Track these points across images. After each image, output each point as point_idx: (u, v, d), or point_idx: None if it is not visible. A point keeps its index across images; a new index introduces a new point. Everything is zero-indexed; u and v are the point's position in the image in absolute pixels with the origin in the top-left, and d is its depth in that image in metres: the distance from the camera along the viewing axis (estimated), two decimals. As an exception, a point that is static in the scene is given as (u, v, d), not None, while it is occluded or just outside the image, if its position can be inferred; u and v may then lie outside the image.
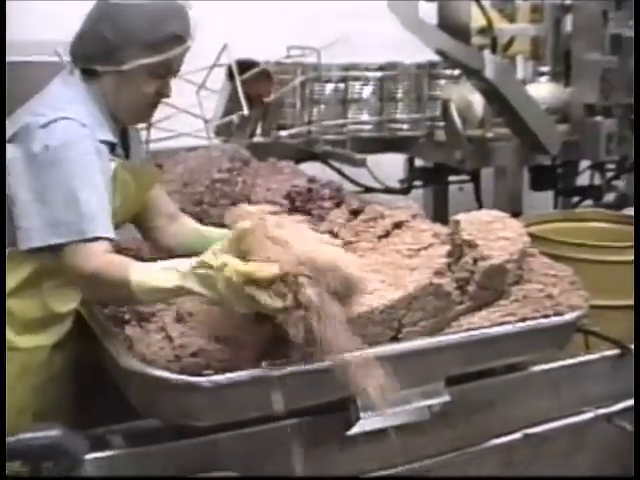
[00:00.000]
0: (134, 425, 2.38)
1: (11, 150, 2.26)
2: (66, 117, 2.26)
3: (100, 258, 2.17)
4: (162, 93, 2.44)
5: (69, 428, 2.08)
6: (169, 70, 2.42)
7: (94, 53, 2.36)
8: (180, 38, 2.36)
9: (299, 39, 4.65)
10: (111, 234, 2.23)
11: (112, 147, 2.37)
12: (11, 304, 2.31)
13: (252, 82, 4.19)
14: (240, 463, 2.19)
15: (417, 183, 5.53)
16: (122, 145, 2.48)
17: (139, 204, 2.56)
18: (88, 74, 2.39)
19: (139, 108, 2.45)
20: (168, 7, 2.37)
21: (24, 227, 2.22)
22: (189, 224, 2.72)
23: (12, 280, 2.31)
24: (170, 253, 2.65)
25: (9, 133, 2.29)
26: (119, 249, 2.36)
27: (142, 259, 2.41)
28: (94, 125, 2.32)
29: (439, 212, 5.24)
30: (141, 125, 2.93)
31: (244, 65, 4.18)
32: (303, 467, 2.25)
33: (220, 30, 4.04)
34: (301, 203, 2.99)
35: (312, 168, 4.17)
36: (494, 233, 2.45)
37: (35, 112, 2.31)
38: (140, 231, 2.73)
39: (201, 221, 2.80)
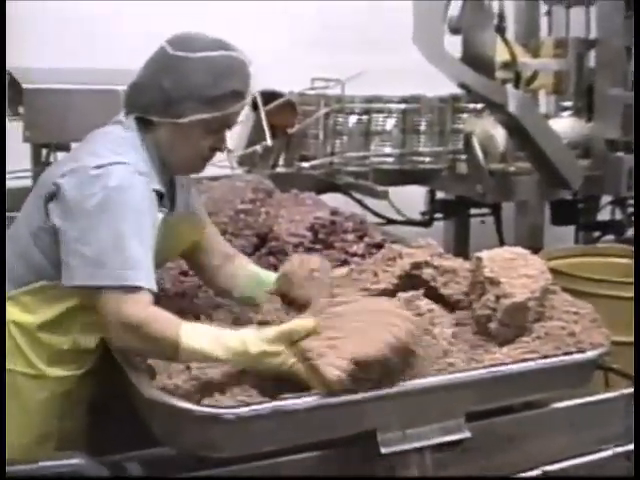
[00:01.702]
0: (151, 452, 2.38)
1: (65, 184, 2.26)
2: (124, 162, 2.27)
3: (148, 309, 2.16)
4: (216, 147, 2.45)
5: (89, 455, 2.09)
6: (225, 125, 2.43)
7: (152, 103, 2.36)
8: (240, 94, 2.37)
9: (323, 71, 4.68)
10: (153, 286, 2.22)
11: (161, 197, 2.37)
12: (43, 336, 2.33)
13: (276, 113, 4.22)
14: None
15: (438, 215, 5.55)
16: (168, 194, 2.48)
17: (177, 253, 2.58)
18: (143, 123, 2.39)
19: (192, 161, 2.46)
20: (231, 62, 2.37)
21: (69, 264, 2.22)
22: (246, 265, 2.75)
23: (47, 313, 2.33)
24: (224, 295, 2.73)
25: (66, 168, 2.30)
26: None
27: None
28: (148, 174, 2.32)
29: (460, 245, 5.26)
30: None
31: (268, 96, 4.20)
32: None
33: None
34: (324, 235, 3.01)
35: (334, 199, 4.19)
36: (516, 270, 2.45)
37: (95, 153, 2.32)
38: (194, 270, 2.76)
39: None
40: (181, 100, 2.33)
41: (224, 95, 2.34)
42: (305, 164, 4.58)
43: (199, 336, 2.14)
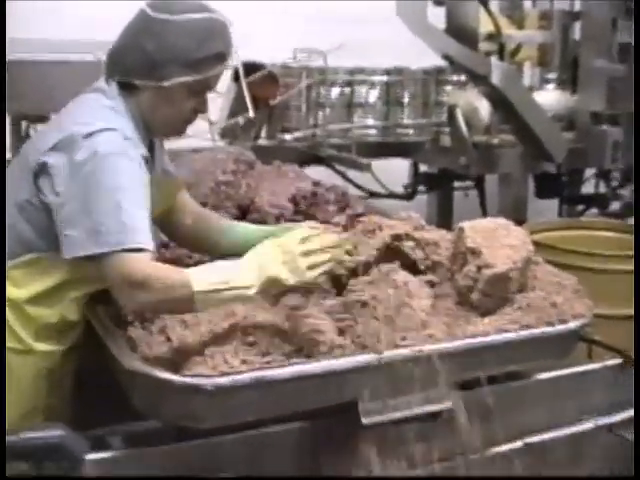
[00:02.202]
0: (135, 426, 2.37)
1: (54, 157, 2.24)
2: (110, 128, 2.25)
3: (150, 265, 2.16)
4: (198, 109, 2.44)
5: (73, 429, 2.08)
6: (207, 87, 2.42)
7: (134, 67, 2.35)
8: (223, 56, 2.36)
9: (305, 42, 4.65)
10: (152, 246, 2.22)
11: (146, 162, 2.36)
12: (31, 310, 2.32)
13: (258, 84, 4.19)
14: (241, 466, 2.18)
15: (421, 188, 5.53)
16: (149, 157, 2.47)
17: (156, 215, 2.56)
18: (125, 87, 2.38)
19: (175, 123, 2.45)
20: (213, 24, 2.36)
21: (68, 235, 2.20)
22: (219, 220, 2.75)
23: (35, 287, 2.31)
24: (204, 253, 2.74)
25: (53, 140, 2.27)
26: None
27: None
28: (134, 138, 2.32)
29: (443, 218, 5.24)
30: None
31: (250, 67, 4.17)
32: (303, 471, 2.24)
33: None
34: (305, 207, 2.99)
35: (317, 172, 4.17)
36: (498, 241, 2.44)
37: (79, 121, 2.29)
38: (166, 233, 2.74)
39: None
40: (164, 63, 2.31)
41: (207, 58, 2.33)
42: (287, 136, 4.56)
43: (207, 273, 2.17)
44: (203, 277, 2.14)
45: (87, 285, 2.37)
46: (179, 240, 2.77)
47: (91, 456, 2.07)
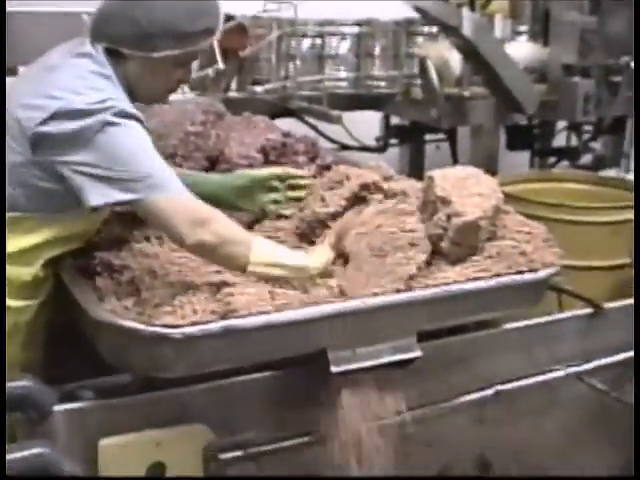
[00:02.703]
0: (107, 380, 2.36)
1: (56, 126, 2.20)
2: (111, 97, 2.24)
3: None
4: (182, 79, 2.44)
5: (47, 382, 2.07)
6: (193, 58, 2.43)
7: (123, 36, 2.32)
8: (212, 31, 2.36)
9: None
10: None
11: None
12: (8, 268, 2.29)
13: (227, 36, 4.13)
14: (211, 415, 2.18)
15: (393, 141, 5.51)
16: None
17: None
18: (111, 53, 2.35)
19: (158, 92, 2.45)
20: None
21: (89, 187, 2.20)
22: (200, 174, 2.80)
23: (14, 245, 2.28)
24: None
25: (49, 110, 2.22)
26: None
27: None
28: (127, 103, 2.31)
29: (415, 171, 5.24)
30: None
31: (220, 19, 4.13)
32: (273, 420, 2.25)
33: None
34: (275, 157, 2.96)
35: (287, 125, 4.14)
36: (468, 189, 2.43)
37: (75, 90, 2.25)
38: None
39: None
40: (155, 35, 2.29)
41: (198, 32, 2.33)
42: (258, 88, 4.51)
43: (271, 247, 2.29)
44: (265, 248, 2.25)
45: (67, 244, 2.36)
46: None
47: (59, 407, 2.07)
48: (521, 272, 2.36)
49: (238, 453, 2.18)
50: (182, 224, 2.16)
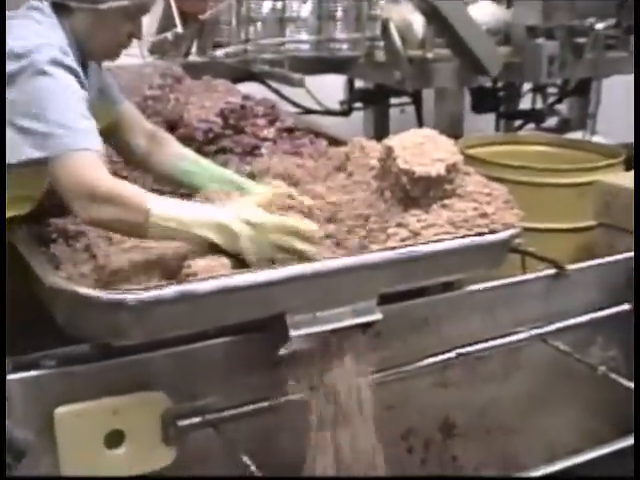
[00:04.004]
0: (68, 350, 2.32)
1: None
2: (50, 44, 2.19)
3: (109, 178, 2.11)
4: (133, 34, 2.39)
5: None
6: (143, 10, 2.37)
7: None
8: None
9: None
10: (102, 148, 2.17)
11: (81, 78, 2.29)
12: None
13: (186, -1, 4.11)
14: (168, 382, 2.15)
15: (357, 105, 5.49)
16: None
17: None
18: (59, 7, 2.30)
19: (110, 47, 2.40)
20: None
21: (12, 139, 2.14)
22: (174, 147, 2.66)
23: None
24: (158, 178, 2.69)
25: None
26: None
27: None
28: (70, 54, 2.25)
29: (380, 134, 5.19)
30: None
31: (178, -19, 4.08)
32: (233, 386, 2.23)
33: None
34: (234, 121, 2.93)
35: (250, 89, 4.09)
36: (428, 155, 2.39)
37: (17, 36, 2.21)
38: (122, 156, 2.68)
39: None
40: None
41: None
42: (219, 52, 4.47)
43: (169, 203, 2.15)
44: (165, 208, 2.11)
45: (15, 206, 2.31)
46: (127, 158, 2.70)
47: (14, 376, 2.03)
48: (482, 234, 2.33)
49: (197, 419, 2.16)
50: (78, 198, 2.09)
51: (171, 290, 1.97)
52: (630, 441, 2.34)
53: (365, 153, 2.62)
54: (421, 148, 2.42)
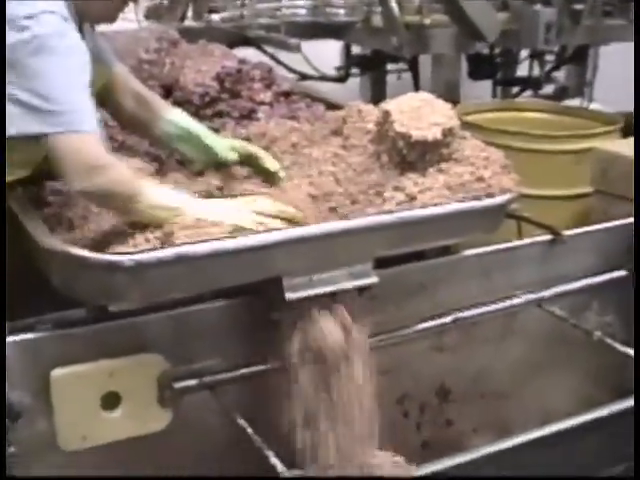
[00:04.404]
0: (64, 315, 2.31)
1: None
2: (52, 10, 2.14)
3: (108, 154, 2.11)
4: None
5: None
6: None
7: None
8: None
9: None
10: (98, 129, 2.15)
11: None
12: None
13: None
14: (165, 345, 2.16)
15: (354, 71, 5.47)
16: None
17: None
18: None
19: (105, 11, 2.37)
20: None
21: (9, 111, 2.11)
22: (161, 109, 2.62)
23: None
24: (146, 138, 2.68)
25: None
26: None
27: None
28: (70, 20, 2.21)
29: (376, 101, 5.17)
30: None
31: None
32: (229, 349, 2.24)
33: None
34: (231, 84, 2.91)
35: (246, 54, 4.07)
36: (425, 119, 2.39)
37: (18, 1, 2.17)
38: (114, 117, 2.65)
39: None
40: None
41: None
42: (215, 17, 4.44)
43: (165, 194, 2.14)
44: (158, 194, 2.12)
45: (15, 170, 2.29)
46: (121, 122, 2.68)
47: (10, 339, 2.04)
48: (478, 198, 2.32)
49: (193, 382, 2.16)
50: (75, 171, 2.07)
51: (168, 252, 1.97)
52: (625, 404, 2.34)
53: (362, 117, 2.61)
54: (418, 112, 2.41)
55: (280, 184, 2.45)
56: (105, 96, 2.53)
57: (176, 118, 2.57)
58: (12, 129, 2.12)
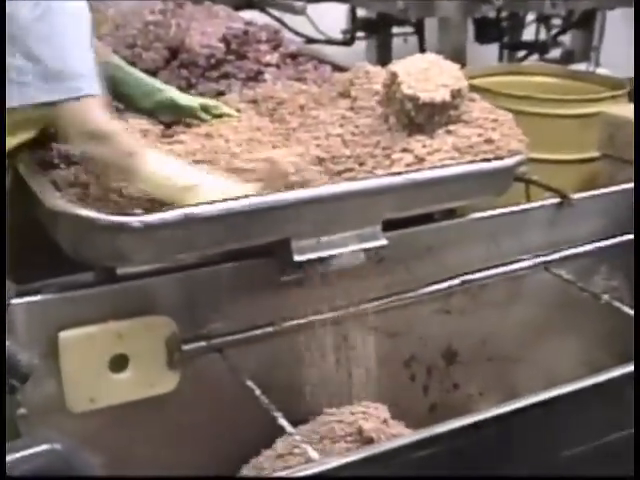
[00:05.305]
0: (72, 278, 2.30)
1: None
2: None
3: (114, 121, 2.09)
4: None
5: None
6: None
7: None
8: None
9: None
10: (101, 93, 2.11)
11: None
12: None
13: None
14: (174, 307, 2.16)
15: (360, 34, 5.44)
16: None
17: None
18: None
19: None
20: None
21: (13, 80, 2.05)
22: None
23: None
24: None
25: None
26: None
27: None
28: None
29: (382, 64, 5.14)
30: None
31: None
32: (237, 311, 2.23)
33: None
34: (237, 46, 2.88)
35: (250, 17, 4.04)
36: (433, 81, 2.36)
37: None
38: None
39: (134, 65, 2.68)
40: None
41: None
42: (219, -22, 4.40)
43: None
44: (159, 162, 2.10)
45: (21, 131, 2.27)
46: None
47: (17, 300, 2.03)
48: (487, 160, 2.31)
49: (202, 344, 2.16)
50: (79, 135, 2.06)
51: (175, 213, 1.96)
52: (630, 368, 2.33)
53: (369, 78, 2.59)
54: (426, 73, 2.39)
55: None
56: None
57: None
58: (10, 101, 2.08)
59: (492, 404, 2.30)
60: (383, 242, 2.20)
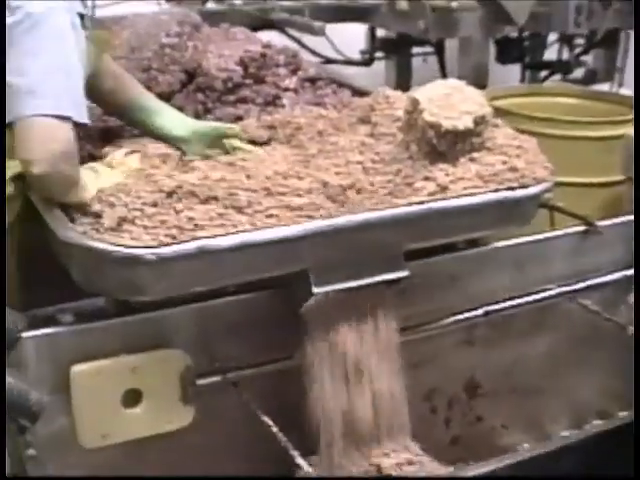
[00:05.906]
0: (84, 304, 2.25)
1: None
2: None
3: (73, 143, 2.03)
4: None
5: (21, 308, 1.99)
6: None
7: None
8: None
9: None
10: (84, 118, 2.08)
11: (80, 17, 2.18)
12: None
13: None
14: (188, 340, 2.11)
15: (379, 55, 5.41)
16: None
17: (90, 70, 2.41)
18: None
19: None
20: None
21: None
22: (139, 94, 2.55)
23: None
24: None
25: None
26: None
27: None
28: None
29: (402, 85, 5.12)
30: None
31: None
32: (253, 344, 2.18)
33: None
34: (255, 69, 2.84)
35: (269, 38, 4.00)
36: (456, 108, 2.31)
37: None
38: (91, 99, 2.58)
39: (149, 89, 2.64)
40: None
41: None
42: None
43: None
44: None
45: None
46: (103, 106, 2.59)
47: (28, 334, 1.98)
48: (512, 188, 2.24)
49: (216, 378, 2.11)
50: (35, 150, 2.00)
51: (190, 245, 1.91)
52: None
53: (390, 104, 2.54)
54: (448, 100, 2.33)
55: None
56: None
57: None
58: (10, 115, 2.03)
59: (516, 437, 2.26)
60: (405, 273, 2.14)
